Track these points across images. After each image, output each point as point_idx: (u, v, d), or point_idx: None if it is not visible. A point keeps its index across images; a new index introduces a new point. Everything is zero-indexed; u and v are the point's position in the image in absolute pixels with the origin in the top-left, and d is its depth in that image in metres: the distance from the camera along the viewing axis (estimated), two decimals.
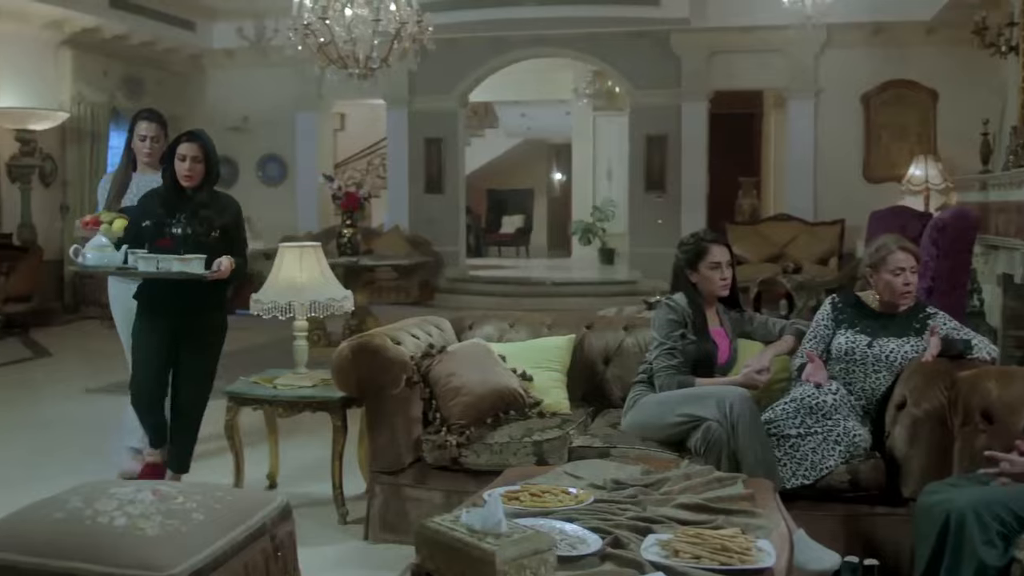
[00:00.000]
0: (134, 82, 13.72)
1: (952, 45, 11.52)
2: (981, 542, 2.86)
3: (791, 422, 3.87)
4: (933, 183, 11.68)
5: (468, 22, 12.51)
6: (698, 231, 4.54)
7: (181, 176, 4.69)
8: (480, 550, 2.23)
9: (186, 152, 4.68)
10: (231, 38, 13.92)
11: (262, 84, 14.40)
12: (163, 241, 4.66)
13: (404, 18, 9.05)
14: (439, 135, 14.18)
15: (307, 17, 8.96)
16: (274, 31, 13.14)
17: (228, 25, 13.93)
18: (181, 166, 4.68)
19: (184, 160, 4.67)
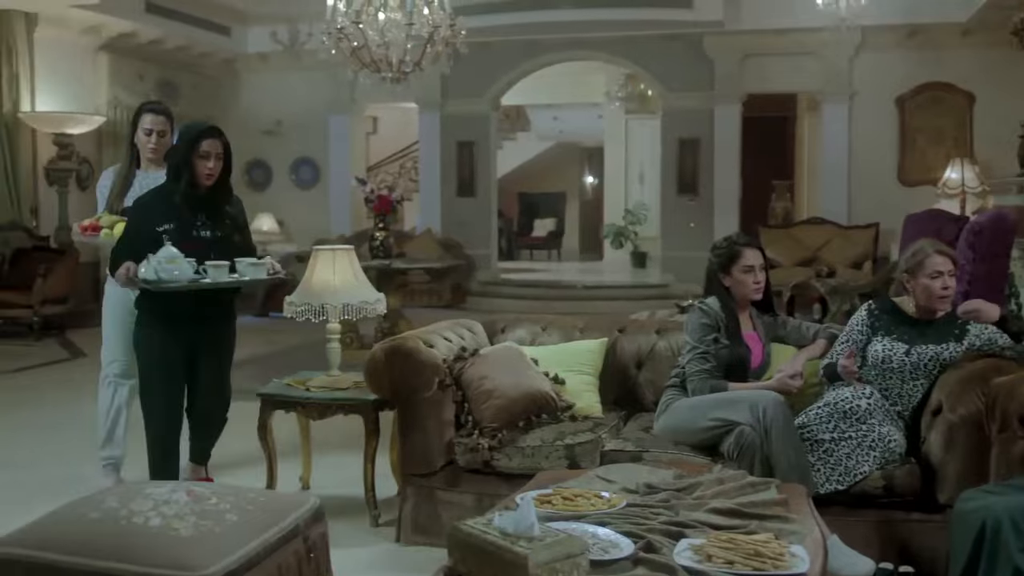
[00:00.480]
0: (169, 86, 13.84)
1: (988, 47, 11.42)
2: (1017, 549, 2.84)
3: (825, 427, 3.84)
4: (969, 186, 11.57)
5: (501, 25, 12.53)
6: (731, 235, 4.52)
7: (203, 175, 4.41)
8: (513, 553, 2.23)
9: (211, 149, 4.41)
10: (265, 42, 14.01)
11: (295, 88, 14.49)
12: (190, 245, 4.36)
13: (437, 22, 9.07)
14: (471, 138, 14.20)
15: (340, 21, 9.00)
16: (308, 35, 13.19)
17: (262, 29, 14.02)
18: (204, 164, 4.40)
19: (208, 158, 4.40)
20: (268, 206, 14.28)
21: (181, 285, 4.25)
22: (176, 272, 4.23)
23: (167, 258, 4.23)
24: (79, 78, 12.30)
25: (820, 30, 11.43)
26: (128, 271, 4.30)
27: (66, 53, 12.04)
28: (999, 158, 10.66)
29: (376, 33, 9.03)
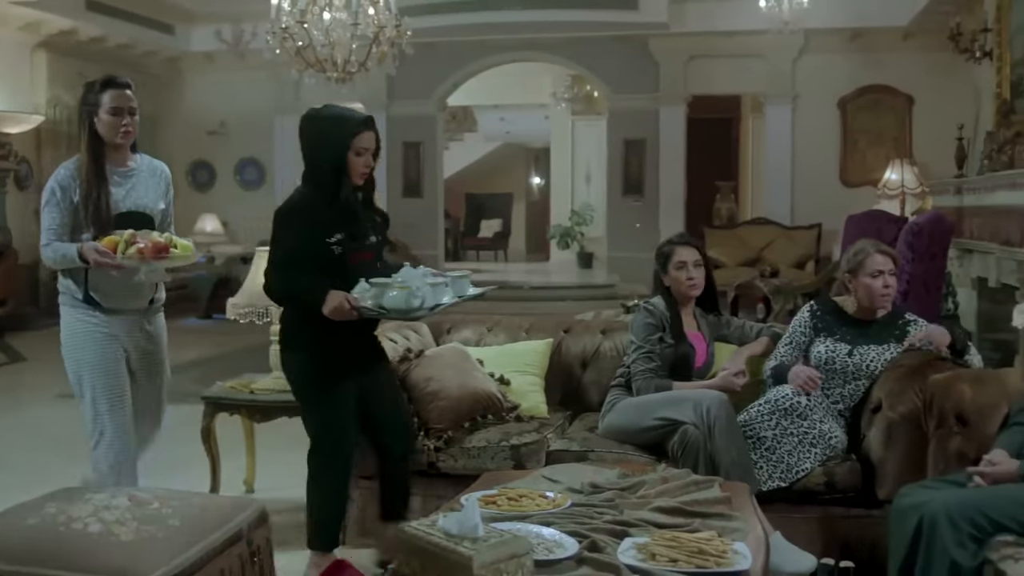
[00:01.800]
0: None
1: (928, 51, 11.61)
2: (954, 544, 2.89)
3: (766, 424, 3.89)
4: (909, 187, 11.75)
5: (446, 26, 12.50)
6: (672, 235, 4.57)
7: (358, 173, 3.77)
8: (457, 554, 2.23)
9: (369, 145, 3.77)
10: (209, 41, 13.86)
11: (240, 88, 14.35)
12: (363, 254, 3.81)
13: (382, 22, 9.04)
14: (418, 139, 14.16)
15: (285, 21, 8.94)
16: (252, 35, 13.09)
17: (206, 28, 13.87)
18: (361, 161, 3.75)
19: (365, 154, 3.77)
20: (212, 207, 14.14)
21: (425, 311, 3.66)
22: (426, 294, 3.63)
23: (423, 284, 3.64)
24: (16, 76, 12.07)
25: (764, 33, 11.55)
26: (348, 303, 3.58)
27: (3, 51, 11.82)
28: (937, 160, 10.84)
29: (321, 33, 8.98)
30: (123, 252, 3.73)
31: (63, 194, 3.91)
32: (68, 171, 3.96)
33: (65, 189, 3.92)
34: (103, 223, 3.87)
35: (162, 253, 3.78)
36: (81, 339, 3.95)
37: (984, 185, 7.35)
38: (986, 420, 3.49)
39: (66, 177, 3.94)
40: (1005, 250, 6.53)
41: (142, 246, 3.74)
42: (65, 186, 3.93)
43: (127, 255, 3.73)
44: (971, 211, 7.83)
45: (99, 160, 3.94)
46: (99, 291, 3.92)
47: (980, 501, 2.97)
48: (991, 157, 7.65)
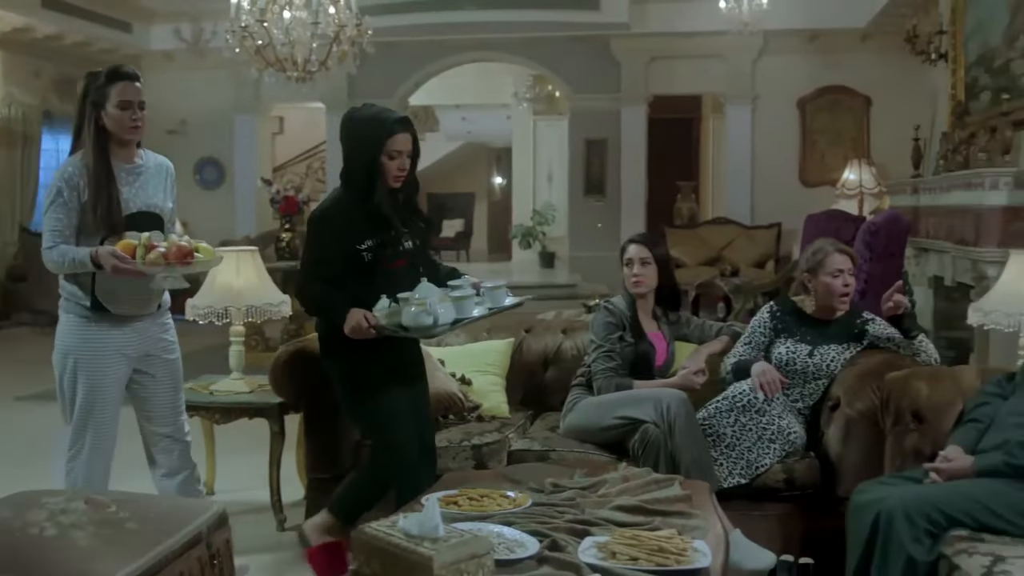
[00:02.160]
0: (68, 83, 13.45)
1: (885, 52, 11.74)
2: (910, 539, 2.92)
3: (725, 420, 3.91)
4: (867, 187, 11.87)
5: (407, 26, 12.47)
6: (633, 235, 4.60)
7: (392, 176, 3.68)
8: (417, 555, 2.22)
9: (403, 147, 3.67)
10: (168, 40, 13.73)
11: (200, 86, 14.22)
12: (397, 262, 3.71)
13: (343, 21, 9.01)
14: None
15: (244, 19, 8.87)
16: (212, 33, 12.98)
17: (165, 27, 13.74)
18: (394, 164, 3.66)
19: (399, 156, 3.66)
20: None
21: (443, 327, 3.54)
22: (443, 311, 3.51)
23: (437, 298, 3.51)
24: None
25: (724, 34, 11.62)
26: (367, 322, 3.52)
27: None
28: (895, 160, 10.96)
29: (281, 32, 8.93)
30: (142, 257, 3.47)
31: (70, 193, 3.62)
32: (75, 168, 3.66)
33: (73, 188, 3.62)
34: (115, 225, 3.61)
35: (187, 258, 3.54)
36: (80, 350, 3.67)
37: (940, 185, 7.43)
38: (941, 417, 3.53)
39: (73, 175, 3.64)
40: (960, 249, 6.61)
41: (164, 250, 3.49)
42: (73, 184, 3.62)
43: (150, 260, 3.46)
44: (927, 211, 7.92)
45: (106, 157, 3.66)
46: (109, 297, 3.66)
47: (935, 497, 3.01)
48: (946, 157, 7.74)
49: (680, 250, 12.06)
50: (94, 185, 3.60)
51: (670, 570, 2.49)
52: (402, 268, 3.70)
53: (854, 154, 12.50)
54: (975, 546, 2.86)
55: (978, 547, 2.86)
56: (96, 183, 3.60)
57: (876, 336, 4.18)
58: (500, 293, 3.77)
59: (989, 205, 5.96)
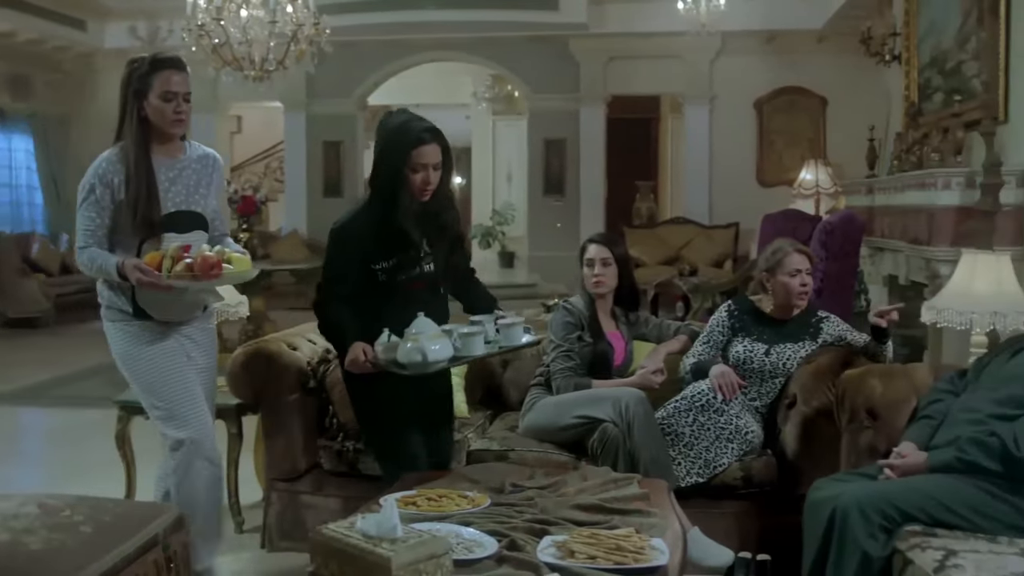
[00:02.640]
0: (21, 81, 13.30)
1: (841, 54, 11.86)
2: (865, 535, 2.96)
3: (684, 420, 3.94)
4: (823, 187, 11.99)
5: (366, 25, 12.43)
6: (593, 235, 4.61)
7: (419, 191, 3.47)
8: (375, 555, 2.22)
9: (429, 160, 3.46)
10: (123, 38, 13.57)
11: None
12: (414, 284, 3.55)
13: (301, 20, 8.96)
14: (338, 138, 14.06)
15: (201, 18, 8.80)
16: (168, 32, 12.85)
17: (120, 25, 13.59)
18: (420, 178, 3.45)
19: (424, 170, 3.46)
20: None
21: (438, 364, 3.35)
22: (436, 348, 3.31)
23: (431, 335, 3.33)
24: None
25: (682, 34, 11.69)
26: (364, 356, 3.39)
27: None
28: (850, 160, 11.08)
29: (238, 30, 8.86)
30: (168, 270, 3.26)
31: (103, 191, 3.41)
32: (110, 163, 3.44)
33: (107, 185, 3.41)
34: (152, 225, 3.42)
35: (214, 270, 3.28)
36: (137, 358, 3.51)
37: (894, 185, 7.52)
38: (896, 414, 3.58)
39: (108, 171, 3.42)
40: (914, 248, 6.70)
41: (190, 261, 3.26)
42: (107, 181, 3.41)
43: (175, 273, 3.25)
44: (882, 210, 8.01)
45: (146, 151, 3.45)
46: (150, 303, 3.49)
47: (890, 493, 3.05)
48: (900, 158, 7.83)
49: (639, 250, 12.13)
50: (132, 182, 3.40)
51: (628, 568, 2.50)
52: (421, 291, 3.53)
53: (811, 154, 12.62)
54: (928, 541, 2.90)
55: (931, 542, 2.90)
56: (135, 180, 3.40)
57: (832, 335, 4.23)
58: (515, 331, 3.57)
59: (942, 205, 6.04)
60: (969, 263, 4.39)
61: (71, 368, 8.66)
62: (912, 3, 8.21)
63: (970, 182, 5.81)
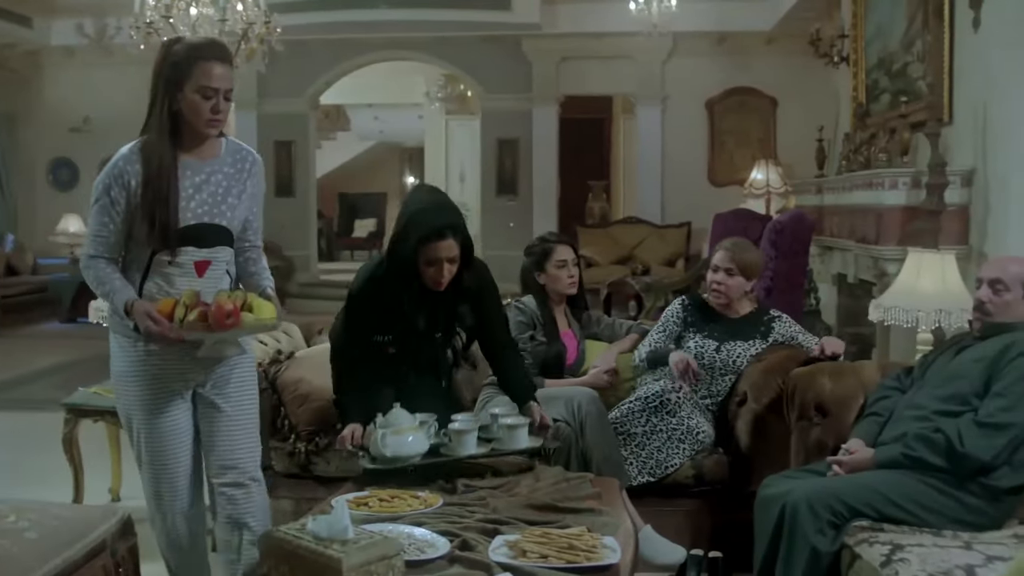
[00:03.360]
0: None
1: (790, 55, 11.96)
2: (813, 531, 3.00)
3: (637, 421, 3.96)
4: (774, 187, 12.09)
5: (317, 24, 12.34)
6: (544, 234, 4.60)
7: (432, 282, 3.38)
8: (326, 557, 2.21)
9: (443, 255, 3.33)
10: (71, 35, 13.38)
11: (105, 83, 13.86)
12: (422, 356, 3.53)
13: (251, 18, 8.88)
14: (289, 138, 13.95)
15: (150, 15, 8.69)
16: (116, 29, 12.69)
17: (67, 22, 13.38)
18: (433, 271, 3.36)
19: (434, 264, 3.35)
20: (75, 207, 13.62)
21: (414, 461, 3.21)
22: (401, 443, 3.18)
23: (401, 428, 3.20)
24: None
25: (634, 35, 11.73)
26: (353, 437, 3.30)
27: None
28: (800, 160, 11.18)
29: (187, 28, 8.75)
30: (181, 319, 2.89)
31: (119, 192, 2.97)
32: (128, 161, 2.99)
33: (123, 186, 2.97)
34: (166, 239, 2.97)
35: (230, 319, 2.88)
36: (133, 377, 3.11)
37: (842, 185, 7.61)
38: (844, 411, 3.63)
39: (124, 171, 2.97)
40: (862, 247, 6.78)
41: (204, 310, 2.89)
42: (124, 182, 2.97)
43: (187, 323, 2.89)
44: (831, 210, 8.11)
45: (173, 149, 3.00)
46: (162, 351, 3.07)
47: (838, 489, 3.09)
48: (849, 158, 7.93)
49: (592, 249, 12.18)
50: (151, 184, 2.95)
51: (580, 567, 2.51)
52: (424, 375, 3.55)
53: (761, 154, 12.71)
54: (876, 536, 2.95)
55: (878, 536, 2.94)
56: (154, 182, 2.95)
57: (783, 335, 4.27)
58: (518, 433, 3.37)
59: (888, 205, 6.12)
60: (915, 262, 4.46)
61: (16, 371, 8.53)
62: (860, 6, 8.32)
63: (916, 182, 5.90)
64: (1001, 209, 5.25)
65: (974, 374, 3.19)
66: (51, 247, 13.14)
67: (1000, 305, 3.28)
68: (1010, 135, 5.16)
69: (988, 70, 5.45)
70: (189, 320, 2.89)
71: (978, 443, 3.03)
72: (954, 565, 2.70)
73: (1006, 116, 5.20)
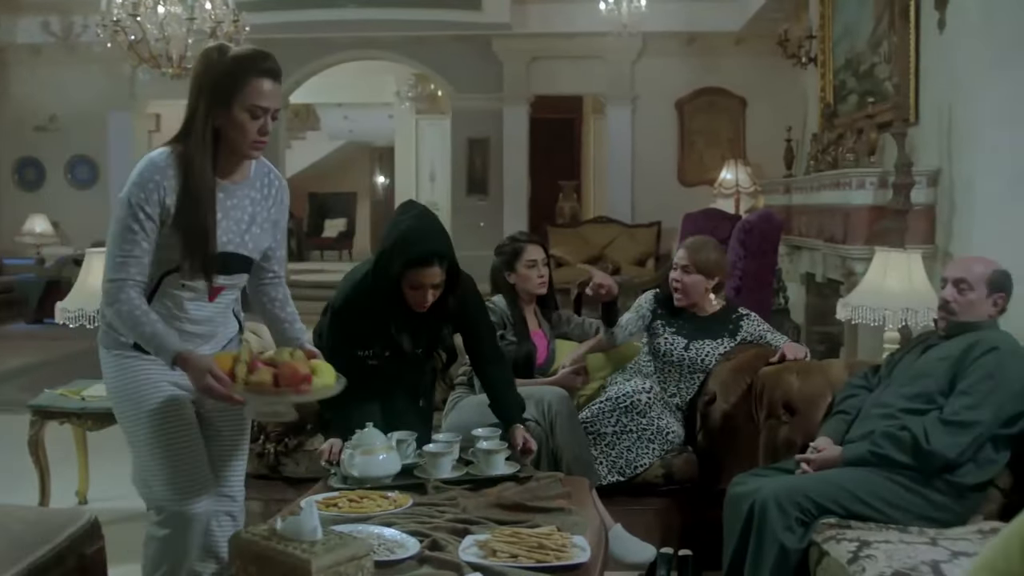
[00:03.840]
0: None
1: (759, 55, 12.04)
2: (782, 528, 3.02)
3: (607, 420, 3.97)
4: (743, 186, 12.16)
5: (287, 23, 12.28)
6: (515, 233, 4.60)
7: (416, 305, 3.41)
8: (295, 558, 2.20)
9: (425, 280, 3.35)
10: (36, 33, 13.25)
11: (71, 82, 13.74)
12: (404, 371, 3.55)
13: (220, 17, 8.82)
14: None
15: (116, 13, 8.62)
16: (83, 27, 12.57)
17: (32, 19, 13.25)
18: (416, 295, 3.39)
19: (419, 289, 3.38)
20: (41, 207, 13.53)
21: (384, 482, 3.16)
22: (382, 458, 3.16)
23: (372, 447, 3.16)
24: None
25: (604, 35, 11.75)
26: (331, 452, 3.31)
27: None
28: (769, 160, 11.25)
29: (155, 27, 8.69)
30: (244, 378, 2.64)
31: (153, 209, 2.65)
32: (163, 174, 2.67)
33: (158, 202, 2.65)
34: (205, 270, 2.73)
35: (304, 385, 2.68)
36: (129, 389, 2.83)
37: (810, 185, 7.65)
38: (812, 409, 3.66)
39: (160, 185, 2.66)
40: (830, 247, 6.83)
41: (274, 371, 2.66)
42: (159, 199, 2.65)
43: (253, 383, 2.64)
44: (799, 209, 8.15)
45: (211, 171, 2.71)
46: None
47: (806, 486, 3.11)
48: (816, 158, 7.97)
49: (562, 249, 12.18)
50: (192, 210, 2.66)
51: (550, 566, 2.52)
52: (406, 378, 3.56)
53: (731, 154, 12.78)
54: (843, 533, 2.97)
55: (846, 533, 2.97)
56: (194, 208, 2.66)
57: (751, 334, 4.30)
58: (496, 459, 3.29)
59: (856, 204, 6.16)
60: (882, 261, 4.49)
61: None
62: (827, 7, 8.37)
63: (883, 182, 5.94)
64: (966, 208, 5.30)
65: (939, 373, 3.22)
66: (17, 247, 13.02)
67: (964, 304, 3.31)
68: (975, 135, 5.21)
69: (953, 71, 5.50)
70: (253, 380, 2.65)
71: (944, 440, 3.06)
72: (920, 561, 2.72)
73: (971, 117, 5.25)
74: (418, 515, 2.87)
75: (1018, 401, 3.11)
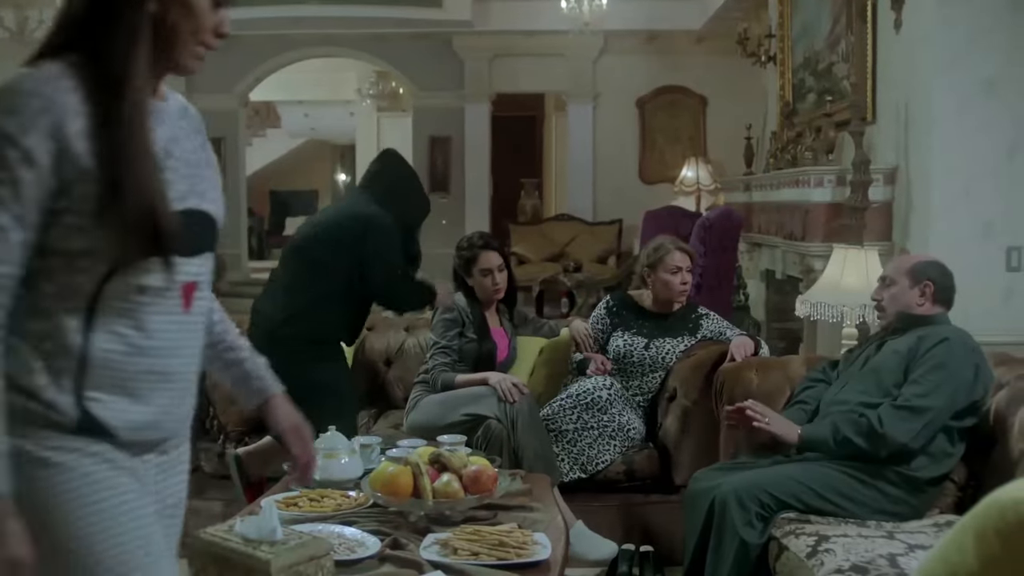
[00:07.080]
0: None
1: (719, 54, 12.09)
2: (742, 523, 3.04)
3: (568, 418, 3.98)
4: (704, 184, 12.22)
5: (247, 19, 12.17)
6: (473, 235, 4.51)
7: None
8: (254, 559, 2.18)
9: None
10: None
11: None
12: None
13: None
14: (219, 135, 13.69)
15: None
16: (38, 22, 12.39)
17: None
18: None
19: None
20: None
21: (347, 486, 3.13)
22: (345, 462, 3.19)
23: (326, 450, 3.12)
24: None
25: (565, 33, 11.76)
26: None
27: None
28: (729, 158, 11.31)
29: None
30: (430, 492, 2.56)
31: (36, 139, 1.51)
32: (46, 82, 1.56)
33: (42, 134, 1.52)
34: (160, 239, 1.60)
35: (492, 485, 2.67)
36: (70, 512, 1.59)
37: (770, 182, 7.70)
38: (771, 404, 3.66)
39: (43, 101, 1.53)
40: (789, 244, 6.87)
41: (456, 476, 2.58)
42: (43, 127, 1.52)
43: (443, 492, 2.60)
44: (759, 207, 8.19)
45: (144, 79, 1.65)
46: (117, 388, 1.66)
47: (765, 482, 3.13)
48: (776, 156, 8.02)
49: (524, 246, 12.20)
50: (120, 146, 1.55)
51: (511, 563, 2.52)
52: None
53: (691, 152, 12.84)
54: (802, 527, 3.00)
55: (805, 528, 2.99)
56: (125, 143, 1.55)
57: (711, 331, 4.32)
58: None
59: (815, 202, 6.20)
60: (840, 258, 4.53)
61: None
62: (786, 6, 8.42)
63: (841, 180, 5.98)
64: (923, 205, 5.36)
65: (893, 365, 3.26)
66: None
67: (888, 298, 3.40)
68: (931, 133, 5.26)
69: (910, 70, 5.55)
70: (442, 487, 2.73)
71: (896, 425, 3.09)
72: (877, 554, 2.75)
73: (927, 115, 5.31)
74: (378, 513, 2.86)
75: (970, 391, 3.15)
